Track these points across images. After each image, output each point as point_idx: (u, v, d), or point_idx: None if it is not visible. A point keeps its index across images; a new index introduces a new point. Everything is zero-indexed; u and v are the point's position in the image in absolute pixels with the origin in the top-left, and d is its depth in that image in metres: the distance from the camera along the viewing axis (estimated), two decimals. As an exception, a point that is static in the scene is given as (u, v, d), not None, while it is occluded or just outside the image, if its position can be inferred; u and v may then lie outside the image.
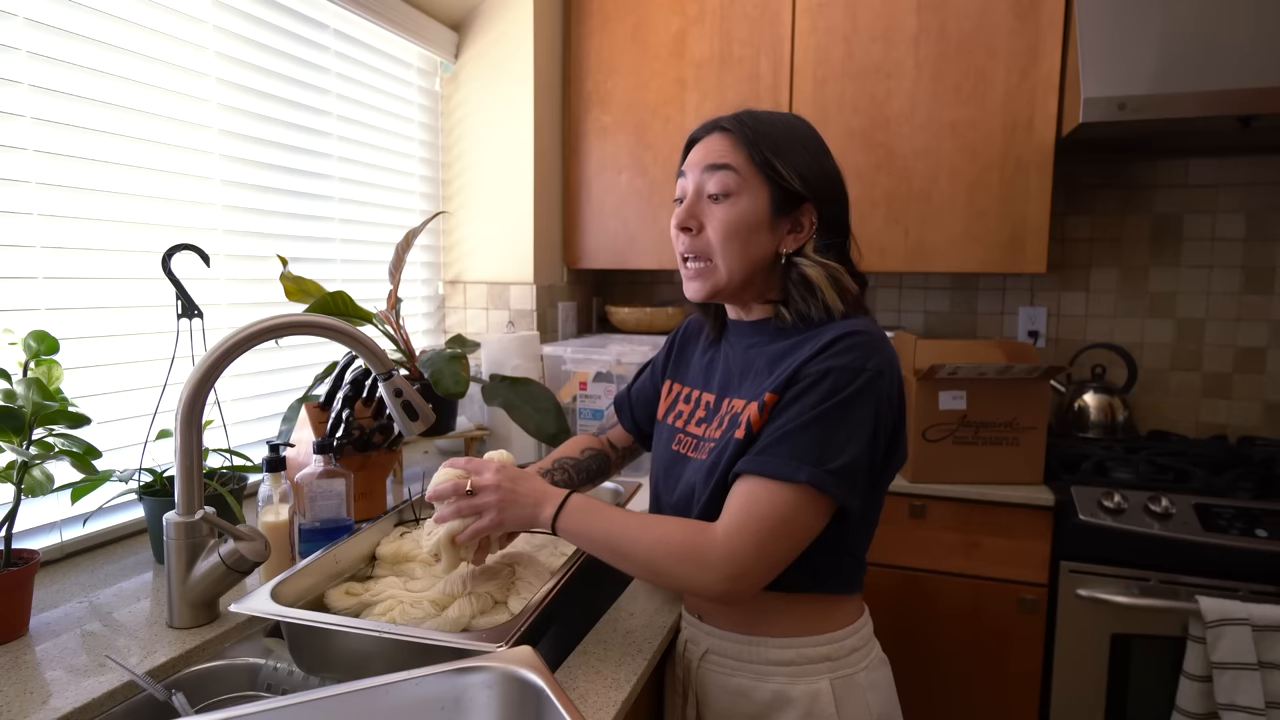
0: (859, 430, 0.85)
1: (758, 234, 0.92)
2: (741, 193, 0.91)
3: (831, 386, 0.85)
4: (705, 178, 0.93)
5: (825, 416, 0.84)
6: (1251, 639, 1.37)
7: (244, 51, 1.46)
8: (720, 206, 0.92)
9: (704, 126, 0.97)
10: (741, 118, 0.94)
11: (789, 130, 0.94)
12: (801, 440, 0.84)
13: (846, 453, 0.84)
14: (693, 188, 0.95)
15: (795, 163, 0.91)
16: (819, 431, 0.84)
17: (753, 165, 0.91)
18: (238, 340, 0.92)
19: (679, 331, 1.17)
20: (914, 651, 1.71)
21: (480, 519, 0.91)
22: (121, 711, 0.82)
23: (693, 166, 0.95)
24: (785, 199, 0.92)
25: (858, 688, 0.94)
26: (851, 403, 0.84)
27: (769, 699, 0.93)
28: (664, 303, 2.42)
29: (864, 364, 0.85)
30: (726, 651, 0.96)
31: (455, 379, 1.43)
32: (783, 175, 0.91)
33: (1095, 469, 1.71)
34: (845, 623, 0.96)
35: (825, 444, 0.84)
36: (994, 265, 1.88)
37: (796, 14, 1.96)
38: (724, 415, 0.96)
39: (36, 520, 1.12)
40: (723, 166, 0.92)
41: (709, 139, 0.95)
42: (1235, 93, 1.53)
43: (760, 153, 0.91)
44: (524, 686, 0.69)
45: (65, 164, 1.15)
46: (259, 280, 1.51)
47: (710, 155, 0.93)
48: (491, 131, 2.06)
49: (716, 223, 0.92)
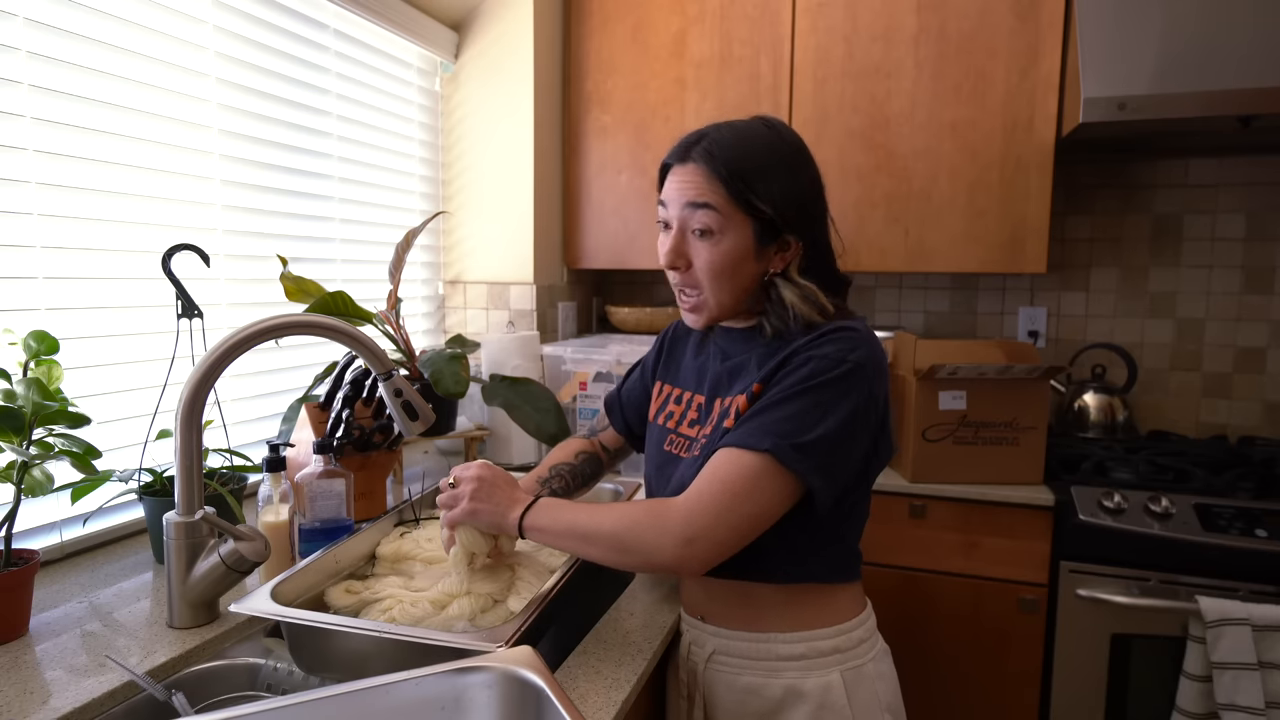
0: (832, 414, 0.85)
1: (745, 265, 0.91)
2: (725, 231, 0.89)
3: (811, 371, 0.86)
4: (687, 214, 0.90)
5: (798, 395, 0.85)
6: (1251, 639, 1.37)
7: (244, 51, 1.46)
8: (705, 245, 0.90)
9: (675, 152, 0.93)
10: (710, 149, 0.89)
11: (765, 150, 0.89)
12: (771, 416, 0.86)
13: (814, 431, 0.84)
14: (676, 224, 0.92)
15: (774, 192, 0.88)
16: (789, 409, 0.85)
17: (733, 202, 0.88)
18: (238, 340, 0.92)
19: (668, 332, 1.16)
20: (914, 651, 1.71)
21: (454, 507, 0.94)
22: (121, 711, 0.82)
23: (672, 200, 0.92)
24: (768, 229, 0.90)
25: (867, 678, 0.95)
26: (828, 387, 0.86)
27: (781, 694, 0.94)
28: (664, 303, 2.42)
29: (846, 355, 0.87)
30: (734, 651, 0.97)
31: (455, 379, 1.43)
32: (763, 211, 0.88)
33: (1095, 469, 1.71)
34: (851, 614, 0.96)
35: (795, 420, 0.85)
36: (994, 265, 1.88)
37: (796, 14, 1.96)
38: (716, 416, 0.97)
39: (36, 520, 1.12)
40: (703, 205, 0.89)
41: (683, 169, 0.91)
42: (1235, 93, 1.53)
43: (738, 186, 0.87)
44: (524, 686, 0.69)
45: (65, 164, 1.15)
46: (259, 280, 1.51)
47: (688, 191, 0.90)
48: (491, 131, 2.06)
49: (703, 261, 0.91)
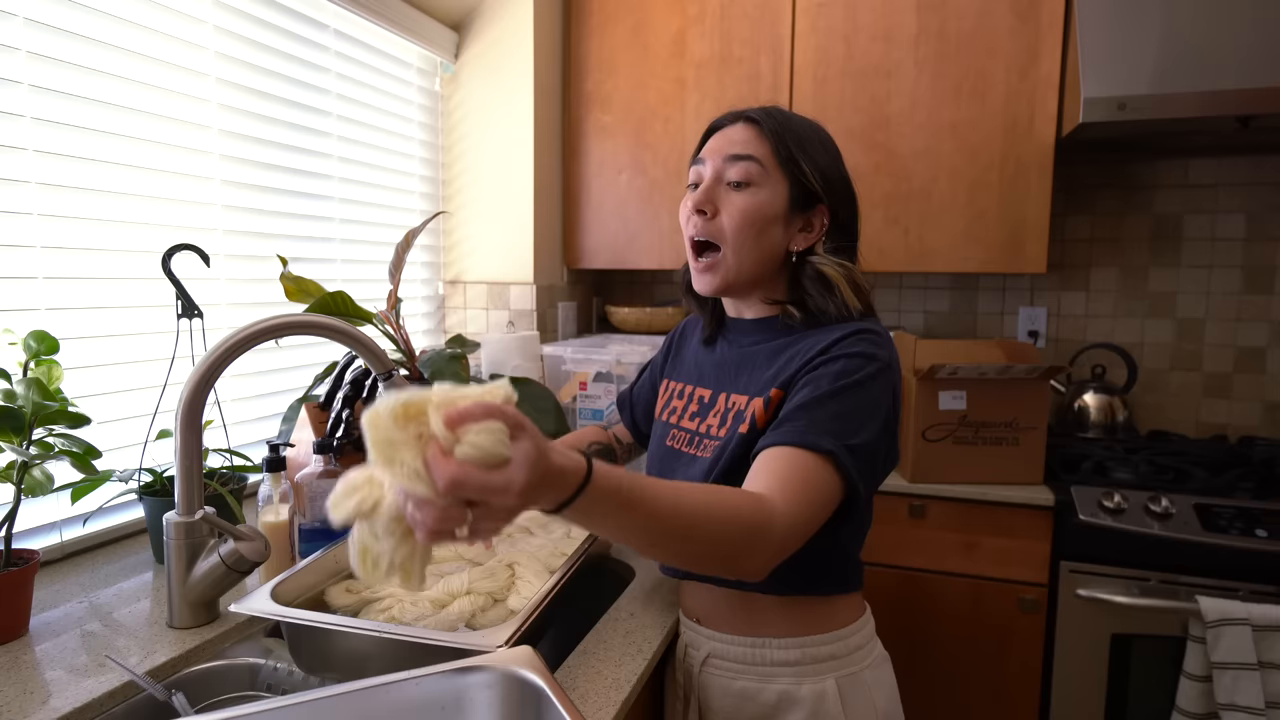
0: (873, 416, 0.84)
1: (772, 227, 0.92)
2: (762, 184, 0.91)
3: (844, 368, 0.84)
4: (726, 166, 0.92)
5: (841, 393, 0.83)
6: (1251, 639, 1.37)
7: (244, 51, 1.45)
8: (739, 194, 0.91)
9: (728, 115, 0.97)
10: (770, 110, 0.94)
11: (812, 131, 0.94)
12: (819, 414, 0.82)
13: (862, 434, 0.82)
14: (711, 173, 0.94)
15: (817, 162, 0.92)
16: (835, 407, 0.82)
17: (776, 159, 0.91)
18: (238, 340, 0.91)
19: (677, 331, 1.17)
20: (914, 651, 1.71)
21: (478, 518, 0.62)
22: (121, 711, 0.82)
23: (713, 154, 0.94)
24: (803, 196, 0.92)
25: (863, 686, 0.94)
26: (865, 385, 0.84)
27: (775, 700, 0.93)
28: (664, 303, 2.42)
29: (875, 354, 0.86)
30: (730, 655, 0.96)
31: (455, 379, 1.43)
32: (805, 172, 0.91)
33: (1095, 469, 1.71)
34: (848, 620, 0.95)
35: (843, 420, 0.82)
36: (994, 265, 1.88)
37: (796, 14, 1.96)
38: (723, 411, 0.96)
39: (36, 520, 1.12)
40: (746, 157, 0.91)
41: (732, 128, 0.95)
42: (1235, 93, 1.53)
43: (785, 147, 0.91)
44: (524, 686, 0.69)
45: (65, 164, 1.15)
46: (259, 280, 1.51)
47: (733, 145, 0.93)
48: (491, 131, 2.05)
49: (733, 209, 0.91)
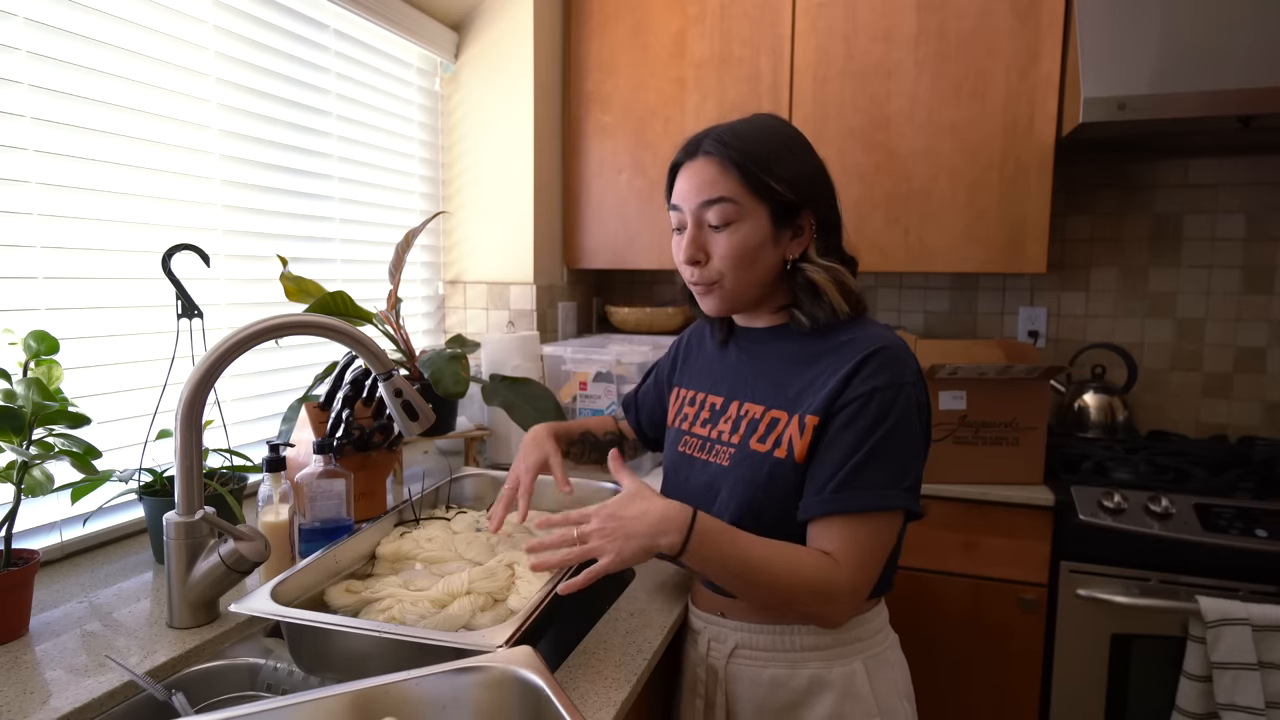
0: (916, 444, 0.89)
1: (763, 252, 0.92)
2: (743, 219, 0.91)
3: (880, 408, 0.87)
4: (703, 212, 0.92)
5: (889, 439, 0.87)
6: (1251, 639, 1.37)
7: (244, 51, 1.45)
8: (723, 235, 0.92)
9: (685, 150, 0.95)
10: (721, 138, 0.91)
11: (772, 137, 0.92)
12: (880, 471, 0.86)
13: (912, 469, 0.89)
14: (692, 221, 0.93)
15: (786, 173, 0.90)
16: (889, 455, 0.87)
17: (747, 189, 0.90)
18: (238, 340, 0.91)
19: (683, 339, 1.18)
20: (914, 651, 1.70)
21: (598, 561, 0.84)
22: (121, 711, 0.82)
23: (685, 199, 0.93)
24: (784, 212, 0.92)
25: (886, 665, 0.97)
26: (904, 421, 0.87)
27: (806, 684, 0.95)
28: (664, 303, 2.42)
29: (902, 379, 0.88)
30: (758, 644, 0.97)
31: (455, 379, 1.43)
32: (778, 192, 0.90)
33: (1095, 469, 1.71)
34: (870, 605, 0.99)
35: (897, 465, 0.87)
36: (994, 265, 1.88)
37: (796, 14, 1.96)
38: (735, 418, 0.98)
39: (36, 520, 1.12)
40: (719, 200, 0.90)
41: (694, 165, 0.93)
42: (1235, 93, 1.53)
43: (752, 174, 0.89)
44: (524, 686, 0.69)
45: (65, 164, 1.15)
46: (259, 280, 1.51)
47: (703, 188, 0.91)
48: (491, 131, 2.05)
49: (722, 250, 0.92)
